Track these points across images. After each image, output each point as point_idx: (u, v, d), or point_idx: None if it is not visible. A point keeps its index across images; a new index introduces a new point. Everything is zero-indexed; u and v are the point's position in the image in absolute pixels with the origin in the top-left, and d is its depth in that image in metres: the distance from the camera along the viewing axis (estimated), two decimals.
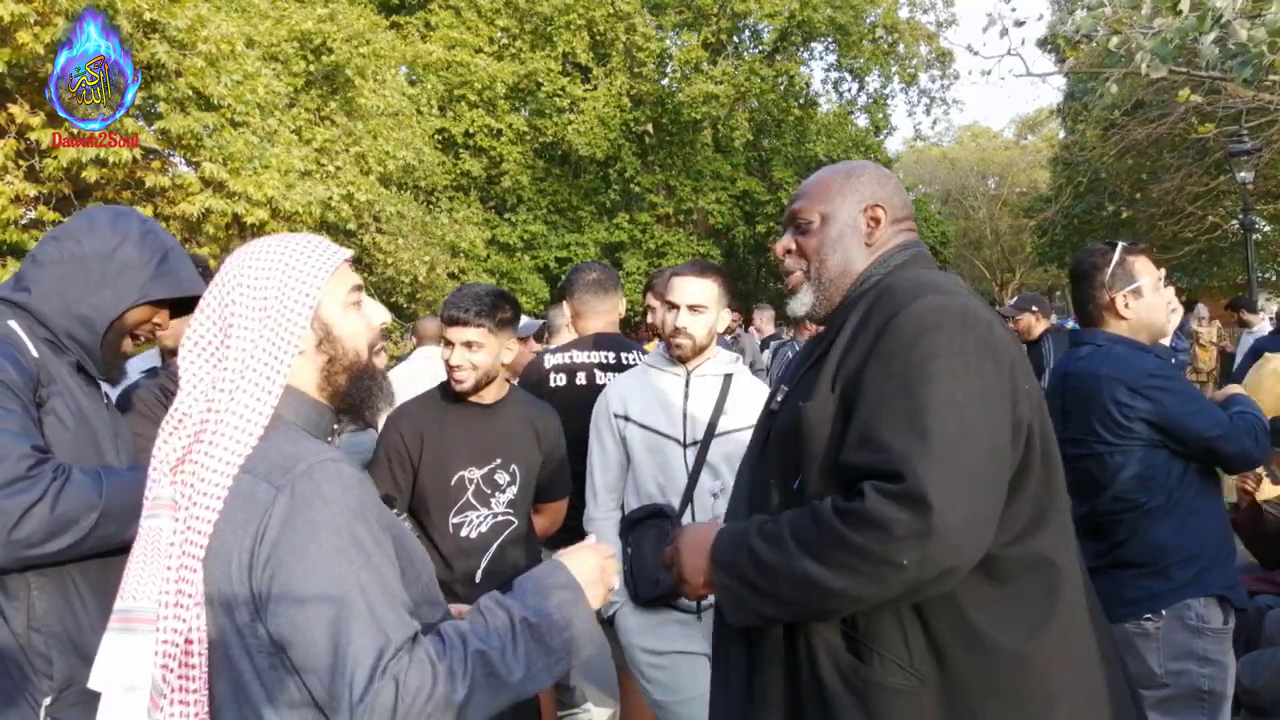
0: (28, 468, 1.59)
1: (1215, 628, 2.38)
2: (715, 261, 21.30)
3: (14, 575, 1.66)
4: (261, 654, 1.19)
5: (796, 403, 1.47)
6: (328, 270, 1.32)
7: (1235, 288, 19.24)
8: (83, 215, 1.90)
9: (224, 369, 1.26)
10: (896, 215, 1.61)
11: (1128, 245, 2.59)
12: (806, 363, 1.55)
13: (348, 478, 1.22)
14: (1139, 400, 2.38)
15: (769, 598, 1.35)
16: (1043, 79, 39.34)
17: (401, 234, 14.30)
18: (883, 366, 1.33)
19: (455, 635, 1.21)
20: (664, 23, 21.60)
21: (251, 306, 1.28)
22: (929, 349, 1.30)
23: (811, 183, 1.66)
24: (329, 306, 1.33)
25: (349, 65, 12.99)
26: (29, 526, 1.57)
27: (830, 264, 1.58)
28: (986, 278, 39.63)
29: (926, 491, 1.21)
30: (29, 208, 9.30)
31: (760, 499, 1.52)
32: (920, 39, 24.18)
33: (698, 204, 21.49)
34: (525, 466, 2.57)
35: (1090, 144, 20.37)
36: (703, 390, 2.70)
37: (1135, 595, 2.39)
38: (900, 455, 1.25)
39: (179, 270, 1.90)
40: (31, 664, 1.67)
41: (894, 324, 1.35)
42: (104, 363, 1.87)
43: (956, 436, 1.25)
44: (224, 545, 1.19)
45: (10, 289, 1.82)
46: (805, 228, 1.61)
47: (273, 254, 1.31)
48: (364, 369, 1.36)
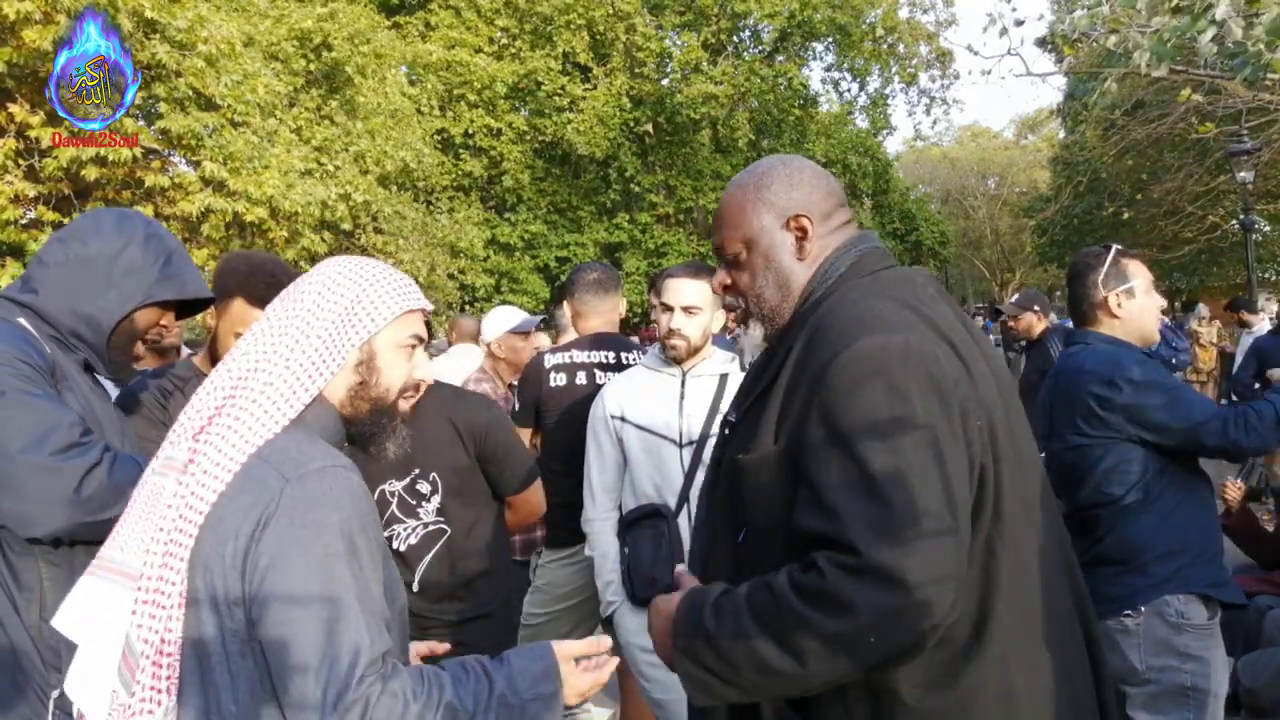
0: (80, 433, 1.65)
1: (1197, 624, 2.38)
2: (714, 263, 21.26)
3: (28, 566, 1.69)
4: (234, 639, 1.20)
5: (738, 451, 1.37)
6: (400, 309, 1.39)
7: (1235, 288, 19.24)
8: (88, 217, 1.93)
9: (272, 355, 1.31)
10: (825, 213, 1.46)
11: (1122, 249, 2.66)
12: (751, 393, 1.44)
13: (357, 487, 1.26)
14: (1117, 393, 2.41)
15: (731, 685, 1.25)
16: (1043, 79, 39.38)
17: (402, 234, 14.30)
18: (823, 422, 1.23)
19: (434, 680, 1.24)
20: (664, 23, 21.61)
21: (321, 308, 1.35)
22: (870, 401, 1.20)
23: (724, 207, 1.51)
24: (383, 338, 1.39)
25: (349, 64, 13.00)
26: (91, 488, 1.62)
27: (767, 295, 1.46)
28: (986, 278, 39.67)
29: (886, 563, 1.12)
30: (28, 207, 9.31)
31: (710, 544, 1.47)
32: (920, 39, 24.20)
33: (698, 204, 21.50)
34: (448, 470, 2.46)
35: (1090, 144, 20.39)
36: (698, 391, 2.71)
37: (1115, 592, 2.41)
38: (851, 523, 1.15)
39: (184, 273, 1.92)
40: (41, 656, 1.69)
41: (830, 374, 1.23)
42: (113, 363, 1.89)
43: (909, 496, 1.15)
44: (222, 523, 1.20)
45: (18, 290, 1.85)
46: (734, 260, 1.48)
47: (360, 273, 1.39)
48: (387, 407, 1.41)
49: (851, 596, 1.14)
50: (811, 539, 1.20)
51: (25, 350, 1.71)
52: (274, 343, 1.33)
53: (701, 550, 1.52)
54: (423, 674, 1.24)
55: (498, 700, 1.27)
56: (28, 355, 1.70)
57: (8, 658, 1.69)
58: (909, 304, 1.33)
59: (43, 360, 1.73)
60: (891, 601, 1.13)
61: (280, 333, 1.33)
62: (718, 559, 1.44)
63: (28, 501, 1.60)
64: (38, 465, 1.59)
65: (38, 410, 1.64)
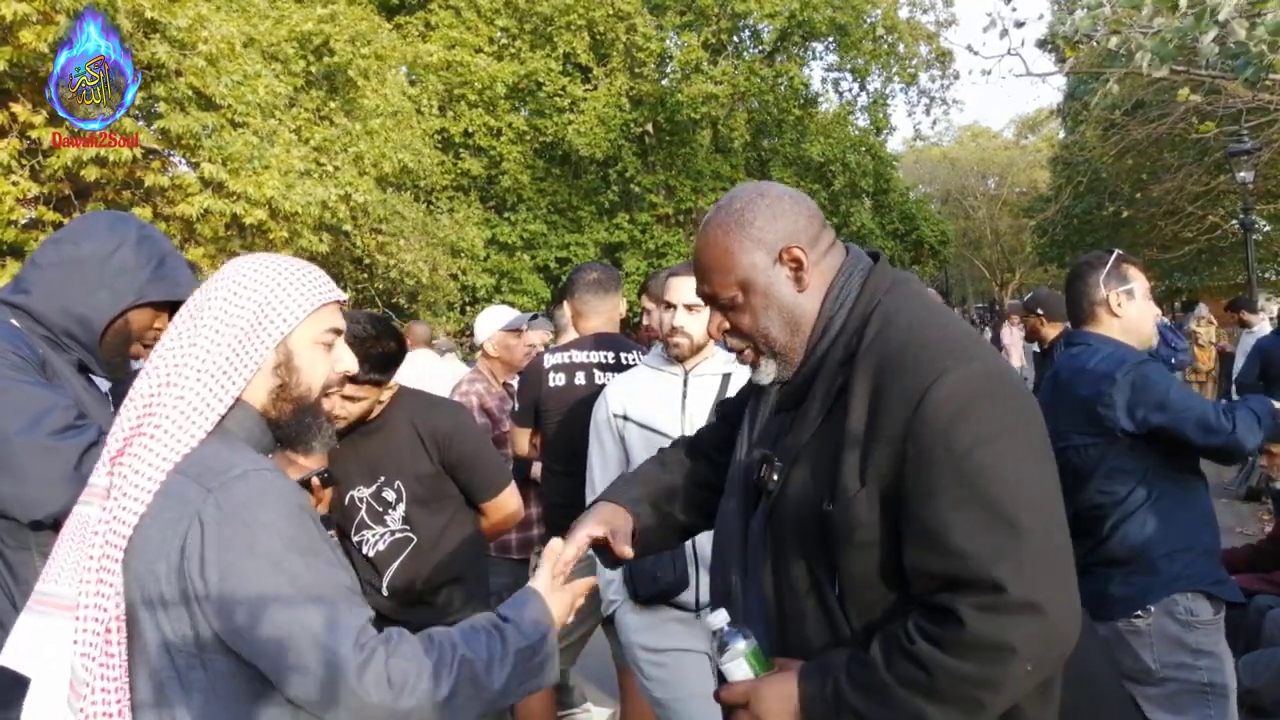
0: (75, 416, 1.67)
1: (1205, 620, 2.39)
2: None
3: (23, 560, 1.70)
4: (181, 655, 1.20)
5: (813, 501, 1.30)
6: (313, 304, 1.35)
7: (1235, 288, 19.23)
8: (82, 220, 1.95)
9: (183, 367, 1.28)
10: (813, 239, 1.39)
11: (1123, 255, 2.73)
12: (804, 434, 1.35)
13: (284, 485, 1.25)
14: (1118, 391, 2.43)
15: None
16: (1043, 79, 39.38)
17: (402, 235, 14.30)
18: (927, 458, 1.18)
19: (445, 639, 1.26)
20: (664, 23, 21.60)
21: (228, 313, 1.31)
22: (975, 431, 1.18)
23: (707, 252, 1.40)
24: (299, 337, 1.35)
25: (350, 66, 13.00)
26: (90, 466, 1.60)
27: (775, 332, 1.38)
28: (986, 278, 39.67)
29: (1031, 595, 1.13)
30: (29, 207, 9.31)
31: (781, 605, 1.37)
32: (920, 39, 24.20)
33: (697, 204, 21.49)
34: (412, 478, 2.45)
35: (1090, 144, 20.37)
36: (701, 390, 2.71)
37: (1123, 593, 2.42)
38: (986, 560, 1.14)
39: (176, 274, 1.94)
40: None
41: (924, 408, 1.19)
42: (107, 364, 1.90)
43: (1034, 521, 1.16)
44: (149, 543, 1.20)
45: (10, 292, 1.86)
46: (729, 304, 1.40)
47: (267, 271, 1.35)
48: (309, 406, 1.38)
49: (1009, 639, 1.13)
50: (935, 581, 1.18)
51: (16, 344, 1.72)
52: (184, 354, 1.29)
53: (767, 614, 1.40)
54: (432, 636, 1.26)
55: (514, 649, 1.30)
56: (19, 349, 1.71)
57: None
58: (953, 319, 1.34)
59: (34, 356, 1.74)
60: (1042, 631, 1.14)
61: (189, 343, 1.30)
62: (798, 620, 1.35)
63: (28, 483, 1.60)
64: (36, 446, 1.60)
65: (31, 394, 1.65)
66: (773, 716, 1.29)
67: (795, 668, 1.31)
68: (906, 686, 1.18)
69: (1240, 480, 8.57)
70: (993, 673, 1.15)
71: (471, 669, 1.24)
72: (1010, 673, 1.15)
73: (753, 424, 1.52)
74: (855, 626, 1.28)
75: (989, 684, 1.16)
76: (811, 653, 1.31)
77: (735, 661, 1.36)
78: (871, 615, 1.27)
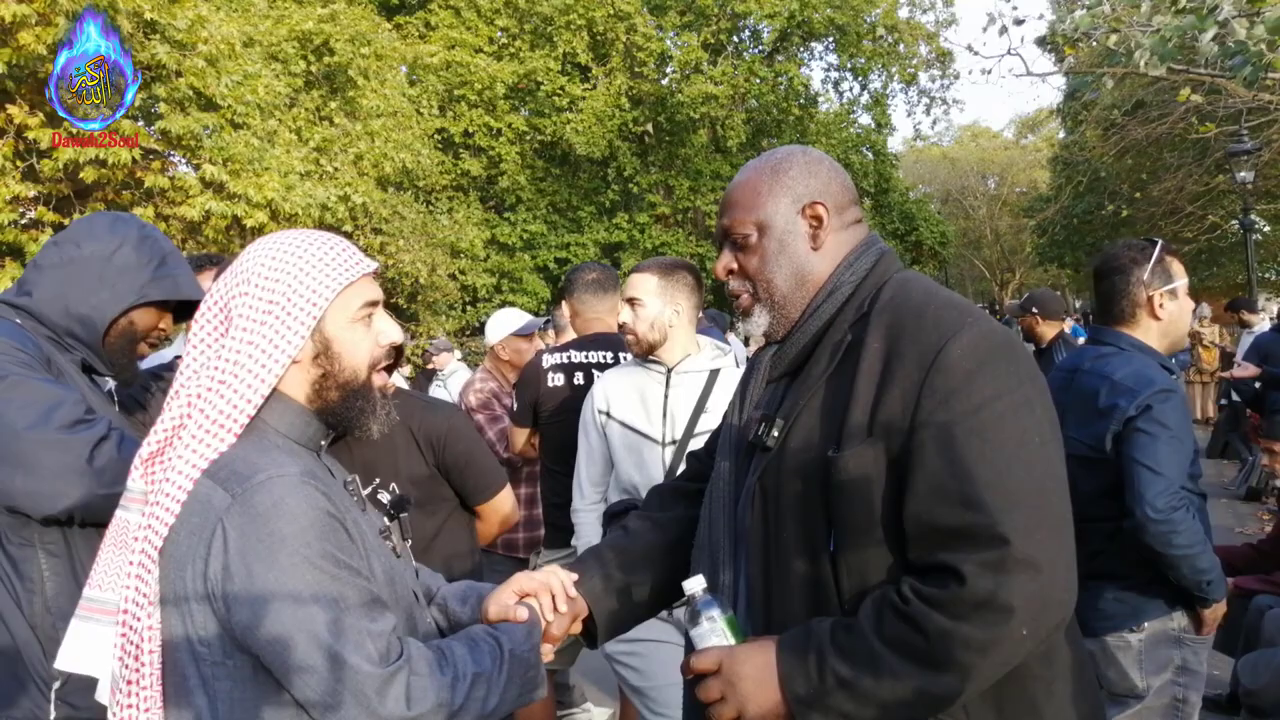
0: (85, 410, 1.68)
1: (1196, 638, 2.36)
2: (711, 261, 21.22)
3: (28, 558, 1.70)
4: (207, 663, 1.20)
5: (818, 449, 1.27)
6: (343, 282, 1.28)
7: (1235, 287, 19.23)
8: (84, 221, 1.96)
9: (215, 366, 1.25)
10: (840, 206, 1.41)
11: (1167, 244, 2.50)
12: (807, 392, 1.33)
13: (310, 492, 1.20)
14: (1135, 412, 2.28)
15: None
16: (1043, 79, 39.38)
17: (402, 235, 14.30)
18: (943, 409, 1.17)
19: (451, 653, 1.26)
20: (664, 23, 21.60)
21: (255, 307, 1.25)
22: (991, 386, 1.17)
23: (738, 188, 1.44)
24: (334, 320, 1.28)
25: (350, 66, 13.00)
26: (102, 459, 1.63)
27: (778, 280, 1.39)
28: (986, 278, 39.66)
29: (1033, 553, 1.10)
30: (28, 208, 9.31)
31: (777, 561, 1.32)
32: (920, 39, 24.19)
33: (696, 204, 21.50)
34: (406, 481, 2.43)
35: (1090, 144, 20.37)
36: (684, 388, 2.70)
37: (1115, 609, 2.34)
38: (998, 511, 1.11)
39: (176, 274, 1.94)
40: (43, 647, 1.70)
41: (944, 358, 1.19)
42: (114, 364, 1.91)
43: (1041, 481, 1.15)
44: (179, 548, 1.19)
45: (13, 294, 1.87)
46: (743, 243, 1.41)
47: (290, 254, 1.27)
48: (359, 388, 1.31)
49: (1008, 598, 1.10)
50: (943, 533, 1.15)
51: (22, 343, 1.73)
52: (210, 355, 1.25)
53: (752, 591, 1.35)
54: (444, 651, 1.26)
55: (508, 657, 1.30)
56: (24, 347, 1.72)
57: (10, 652, 1.70)
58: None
59: (39, 354, 1.75)
60: (1041, 591, 1.12)
61: (217, 343, 1.25)
62: (784, 591, 1.31)
63: (41, 477, 1.60)
64: (47, 440, 1.61)
65: (40, 389, 1.66)
66: (748, 683, 1.23)
67: (773, 639, 1.26)
68: (897, 651, 1.14)
69: (1240, 480, 8.58)
70: (990, 634, 1.11)
71: (479, 685, 1.25)
72: (1007, 634, 1.11)
73: (743, 395, 1.50)
74: (845, 593, 1.24)
75: (985, 647, 1.12)
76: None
77: (711, 627, 1.29)
78: (864, 580, 1.23)
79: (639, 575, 1.56)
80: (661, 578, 1.56)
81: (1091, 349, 2.55)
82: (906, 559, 1.20)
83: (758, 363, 1.48)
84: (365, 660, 1.15)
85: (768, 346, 1.47)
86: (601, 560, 1.56)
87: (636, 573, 1.55)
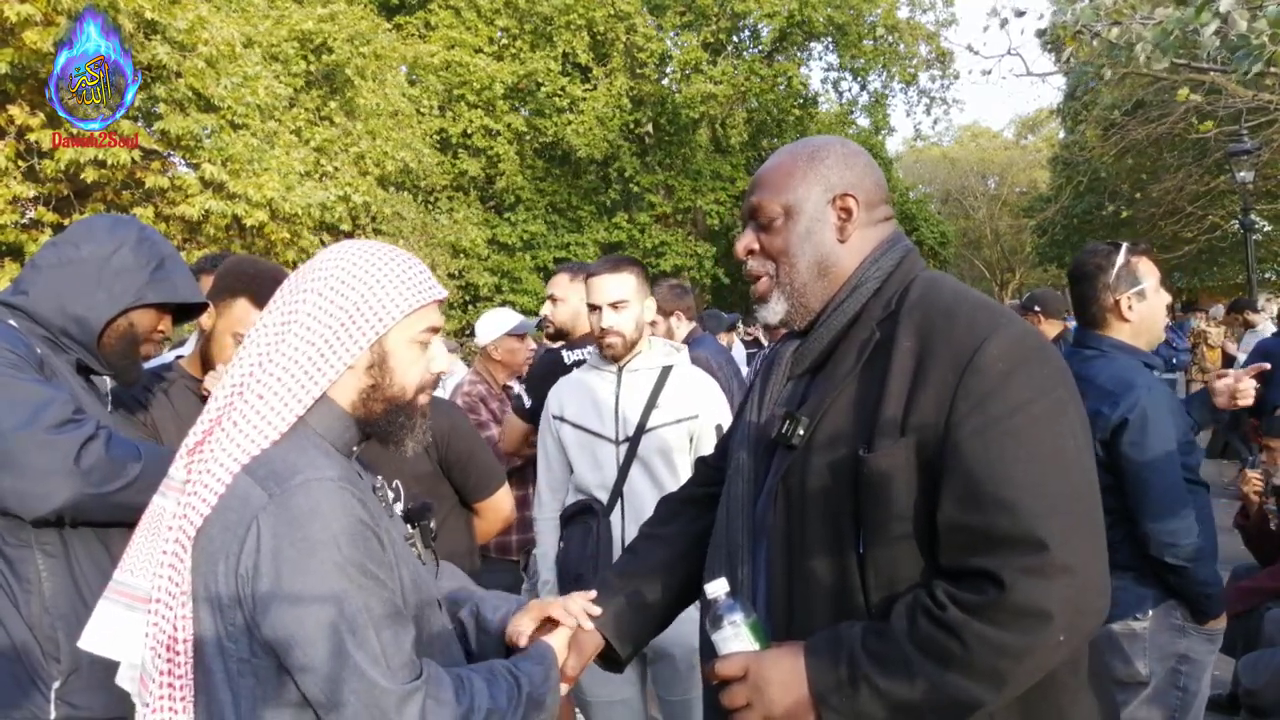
0: (74, 410, 1.67)
1: (1200, 628, 2.38)
2: (710, 261, 21.28)
3: (25, 558, 1.70)
4: (233, 659, 1.20)
5: (847, 448, 1.25)
6: (415, 303, 1.30)
7: (1235, 288, 19.25)
8: (83, 223, 1.96)
9: (268, 364, 1.25)
10: (870, 202, 1.39)
11: (1131, 246, 2.55)
12: (834, 389, 1.31)
13: (346, 499, 1.20)
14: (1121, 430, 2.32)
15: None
16: (1043, 79, 39.35)
17: (402, 235, 14.31)
18: (979, 410, 1.16)
19: (470, 685, 1.26)
20: (664, 23, 21.61)
21: (322, 309, 1.26)
22: (1027, 389, 1.16)
23: (771, 169, 1.42)
24: (396, 337, 1.30)
25: (349, 65, 13.00)
26: (90, 459, 1.63)
27: (801, 266, 1.37)
28: (986, 278, 39.64)
29: (1069, 558, 1.09)
30: (28, 208, 9.32)
31: (801, 560, 1.29)
32: (920, 39, 24.19)
33: (696, 204, 21.51)
34: (410, 478, 2.44)
35: (1090, 144, 20.38)
36: (634, 386, 2.68)
37: (1122, 597, 2.35)
38: (1035, 515, 1.10)
39: (175, 277, 1.95)
40: (42, 648, 1.70)
41: (979, 360, 1.17)
42: (114, 366, 1.91)
43: (1077, 486, 1.14)
44: (212, 541, 1.19)
45: (10, 294, 1.87)
46: (768, 224, 1.39)
47: (371, 264, 1.29)
48: (404, 405, 1.33)
49: (1048, 604, 1.09)
50: (976, 536, 1.13)
51: (13, 343, 1.73)
52: (270, 349, 1.26)
53: (772, 593, 1.33)
54: (463, 680, 1.26)
55: (524, 699, 1.30)
56: (15, 347, 1.72)
57: (9, 654, 1.70)
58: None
59: (31, 354, 1.74)
60: (1078, 597, 1.10)
61: (278, 338, 1.26)
62: (807, 593, 1.28)
63: (28, 477, 1.60)
64: (34, 440, 1.60)
65: (28, 389, 1.66)
66: (775, 689, 1.20)
67: (800, 644, 1.23)
68: (932, 657, 1.12)
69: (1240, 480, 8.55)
70: (1028, 641, 1.09)
71: (496, 717, 1.25)
72: (1045, 641, 1.10)
73: (763, 391, 1.47)
74: (871, 594, 1.21)
75: (1022, 653, 1.10)
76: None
77: (734, 631, 1.26)
78: (891, 581, 1.20)
79: (649, 594, 1.56)
80: (672, 593, 1.58)
81: (1078, 352, 2.60)
82: (935, 562, 1.19)
83: (777, 358, 1.45)
84: (383, 675, 1.15)
85: (788, 341, 1.44)
86: (609, 589, 1.56)
87: (646, 593, 1.56)
